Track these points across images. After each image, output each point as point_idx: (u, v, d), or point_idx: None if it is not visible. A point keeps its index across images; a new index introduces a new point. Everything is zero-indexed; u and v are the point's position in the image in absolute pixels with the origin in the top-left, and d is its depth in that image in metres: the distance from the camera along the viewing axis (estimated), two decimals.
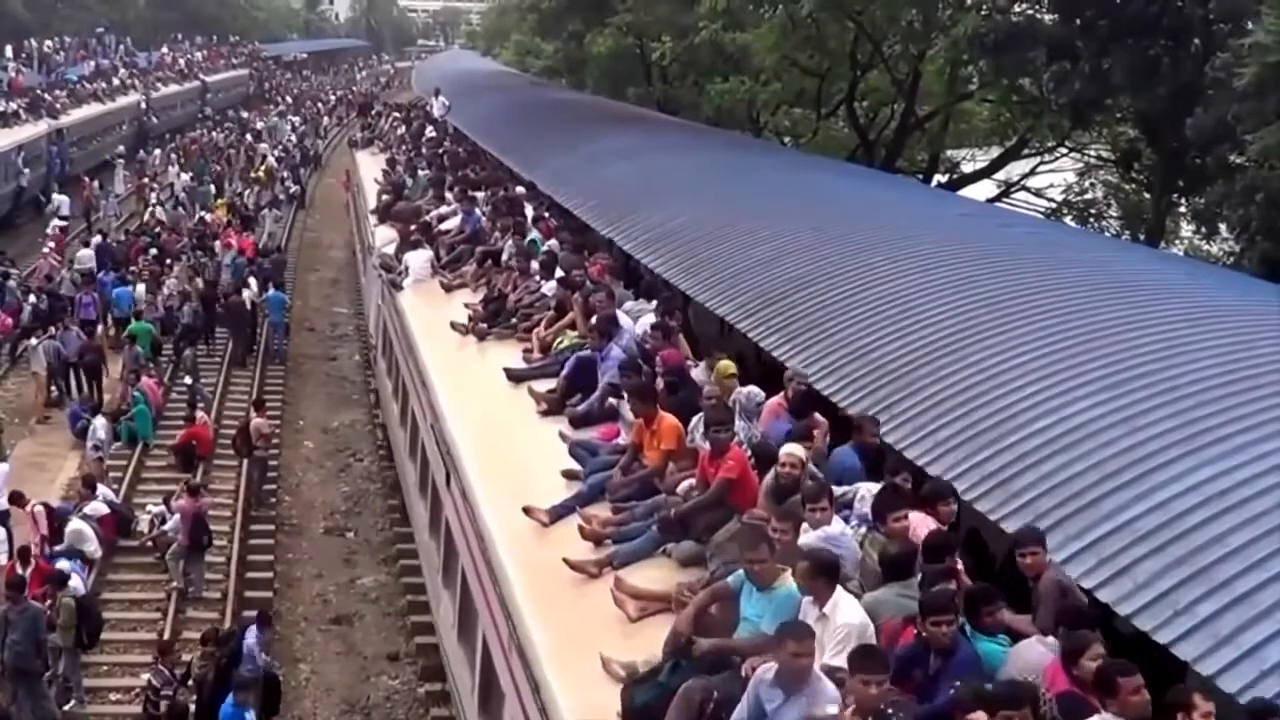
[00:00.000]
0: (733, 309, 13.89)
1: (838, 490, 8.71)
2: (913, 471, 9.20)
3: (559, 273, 16.53)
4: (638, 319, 13.82)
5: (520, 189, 25.02)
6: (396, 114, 44.87)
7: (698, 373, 11.98)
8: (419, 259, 20.73)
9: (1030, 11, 28.59)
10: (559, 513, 10.58)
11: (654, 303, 14.48)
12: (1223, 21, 23.53)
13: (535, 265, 17.64)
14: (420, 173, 29.02)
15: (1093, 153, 35.74)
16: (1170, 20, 23.34)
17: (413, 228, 22.72)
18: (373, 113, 48.32)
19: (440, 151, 32.99)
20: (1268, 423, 8.30)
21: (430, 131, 38.00)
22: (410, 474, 18.48)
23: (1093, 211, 35.06)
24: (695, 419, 10.32)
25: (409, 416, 18.59)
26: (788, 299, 13.41)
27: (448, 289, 19.36)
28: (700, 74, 41.79)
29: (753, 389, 11.03)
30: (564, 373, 13.19)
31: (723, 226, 16.91)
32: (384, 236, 24.59)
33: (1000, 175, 38.37)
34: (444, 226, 22.43)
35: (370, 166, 35.38)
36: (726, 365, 11.32)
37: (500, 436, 13.40)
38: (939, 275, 12.77)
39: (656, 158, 24.85)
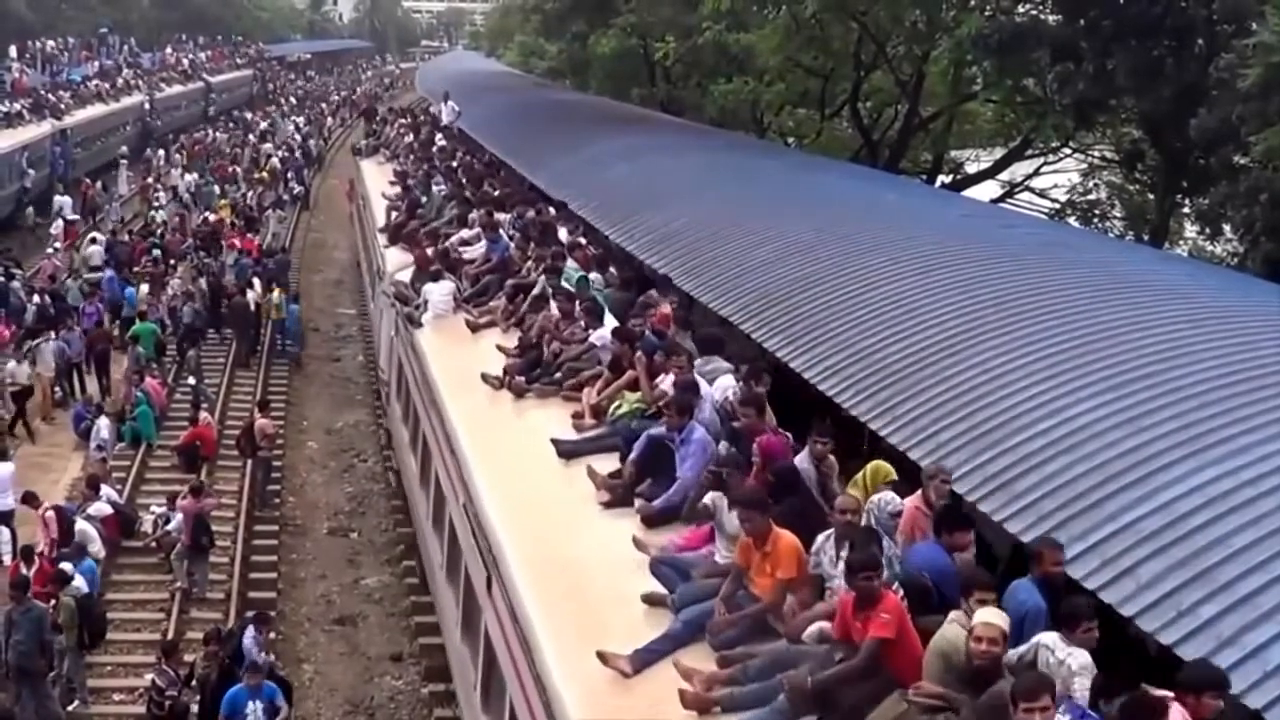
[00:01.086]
0: (735, 310, 13.87)
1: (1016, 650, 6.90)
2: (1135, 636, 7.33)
3: (610, 319, 14.35)
4: (712, 381, 11.55)
5: (550, 209, 21.98)
6: (404, 120, 42.32)
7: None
8: (440, 292, 18.55)
9: (1034, 12, 28.55)
10: (646, 659, 8.43)
11: (732, 363, 12.12)
12: (1226, 22, 23.49)
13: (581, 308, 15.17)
14: (435, 188, 26.25)
15: (1096, 153, 35.69)
16: (1174, 21, 23.29)
17: (429, 249, 20.79)
18: (377, 119, 45.82)
19: (455, 164, 30.17)
20: (1271, 424, 8.29)
21: (440, 139, 35.41)
22: (434, 550, 15.97)
23: (1096, 212, 35.04)
24: (822, 540, 8.48)
25: (431, 480, 16.06)
26: (790, 300, 13.39)
27: (474, 328, 17.22)
28: (704, 75, 41.78)
29: (886, 495, 8.80)
30: (633, 456, 10.81)
31: (726, 227, 16.90)
32: (396, 260, 22.58)
33: (1004, 176, 38.35)
34: (467, 255, 20.08)
35: (377, 178, 33.01)
36: (882, 468, 9.01)
37: (554, 532, 11.07)
38: (942, 276, 12.76)
39: (660, 159, 24.85)
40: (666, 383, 11.48)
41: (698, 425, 10.35)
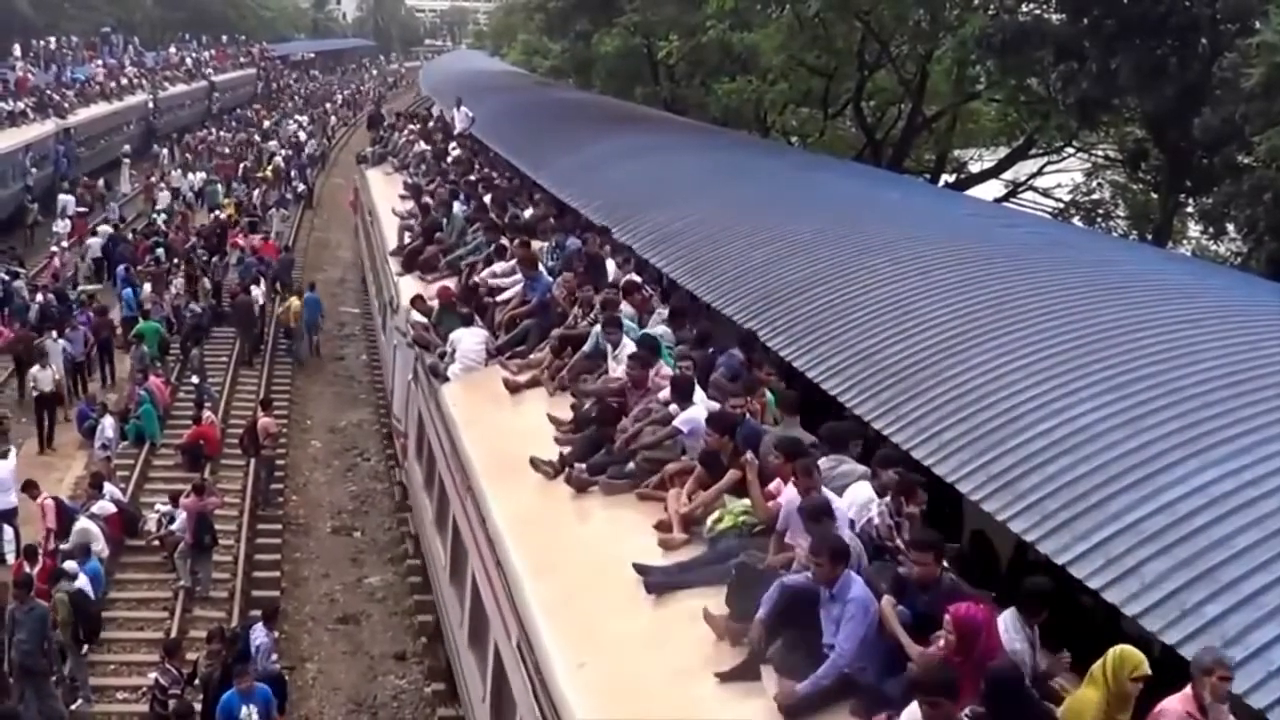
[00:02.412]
0: (738, 309, 13.87)
1: None
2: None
3: (701, 398, 11.14)
4: (842, 489, 9.02)
5: (594, 237, 18.48)
6: (413, 126, 38.62)
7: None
8: (471, 340, 15.78)
9: (1037, 11, 28.53)
10: None
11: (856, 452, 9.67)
12: (1230, 21, 23.46)
13: (658, 375, 11.95)
14: (456, 208, 22.83)
15: (1100, 153, 35.66)
16: (1177, 20, 23.26)
17: (447, 277, 18.83)
18: (384, 125, 42.27)
19: (476, 179, 27.22)
20: (1273, 424, 8.28)
21: (455, 149, 32.33)
22: (471, 671, 12.78)
23: (1100, 211, 35.00)
24: None
25: (467, 586, 12.85)
26: (793, 300, 13.39)
27: (513, 389, 14.29)
28: (707, 74, 41.78)
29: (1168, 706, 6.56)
30: (762, 615, 7.88)
31: (729, 227, 16.90)
32: (412, 292, 19.75)
33: (1007, 175, 38.33)
34: (500, 292, 17.21)
35: (385, 190, 30.34)
36: (1130, 657, 6.59)
37: (652, 709, 8.02)
38: (945, 276, 12.75)
39: (663, 158, 24.85)
40: (786, 493, 8.95)
41: (854, 577, 7.70)
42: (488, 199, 23.70)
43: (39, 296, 28.80)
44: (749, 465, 9.40)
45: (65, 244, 35.80)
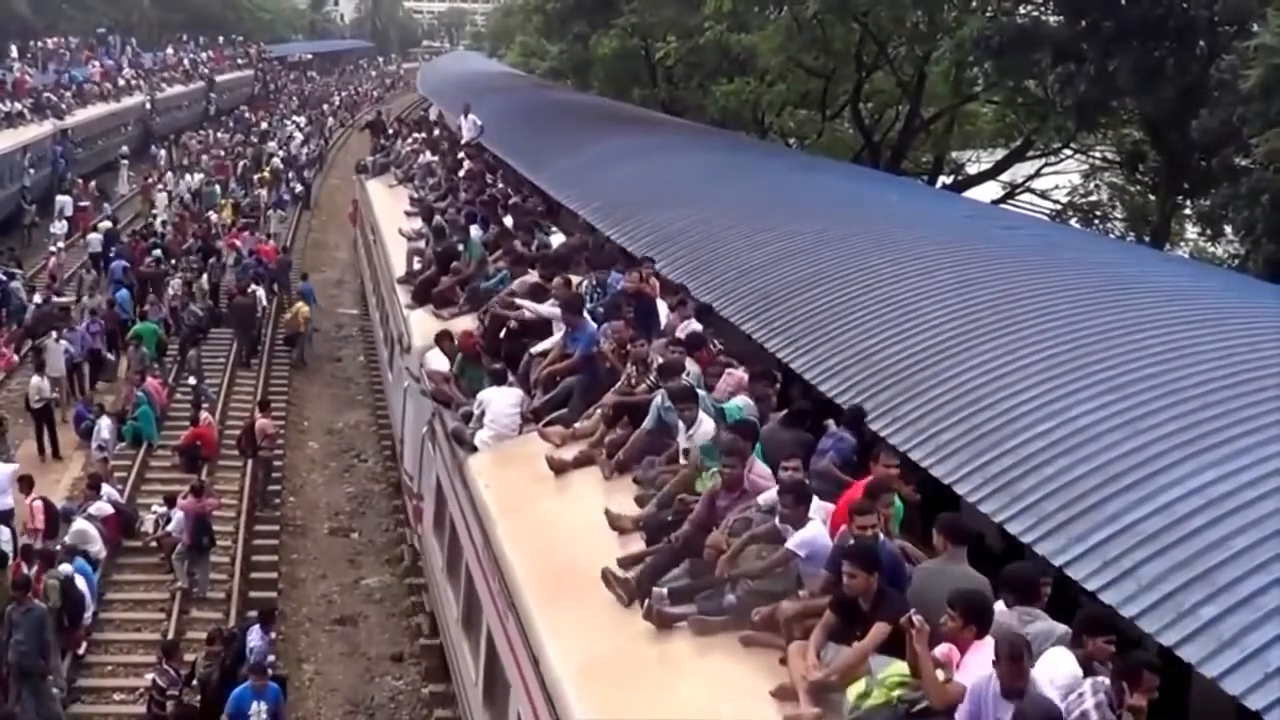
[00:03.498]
0: (736, 310, 13.87)
1: None
2: None
3: (820, 508, 8.64)
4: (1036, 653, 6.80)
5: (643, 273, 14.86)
6: (418, 134, 35.77)
7: None
8: (504, 402, 13.24)
9: (1035, 13, 28.56)
10: None
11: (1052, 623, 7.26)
12: (1228, 23, 23.50)
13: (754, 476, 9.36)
14: (474, 232, 19.84)
15: (1098, 154, 35.68)
16: (1175, 22, 23.29)
17: (466, 313, 16.60)
18: (387, 133, 39.33)
19: (494, 198, 24.17)
20: (1271, 425, 8.28)
21: (466, 162, 29.41)
22: None
23: (1097, 213, 35.00)
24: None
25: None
26: (791, 301, 13.39)
27: (559, 469, 11.64)
28: (705, 75, 41.81)
29: None
30: None
31: (727, 228, 16.91)
32: (425, 329, 17.34)
33: (1005, 177, 38.33)
34: (537, 344, 14.30)
35: (389, 205, 28.06)
36: None
37: None
38: (942, 277, 12.76)
39: (661, 159, 24.85)
40: (973, 667, 6.80)
41: None
42: (509, 222, 21.21)
43: (35, 297, 28.77)
44: (918, 631, 6.84)
45: (62, 244, 35.81)
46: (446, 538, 14.45)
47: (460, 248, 19.35)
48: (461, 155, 30.24)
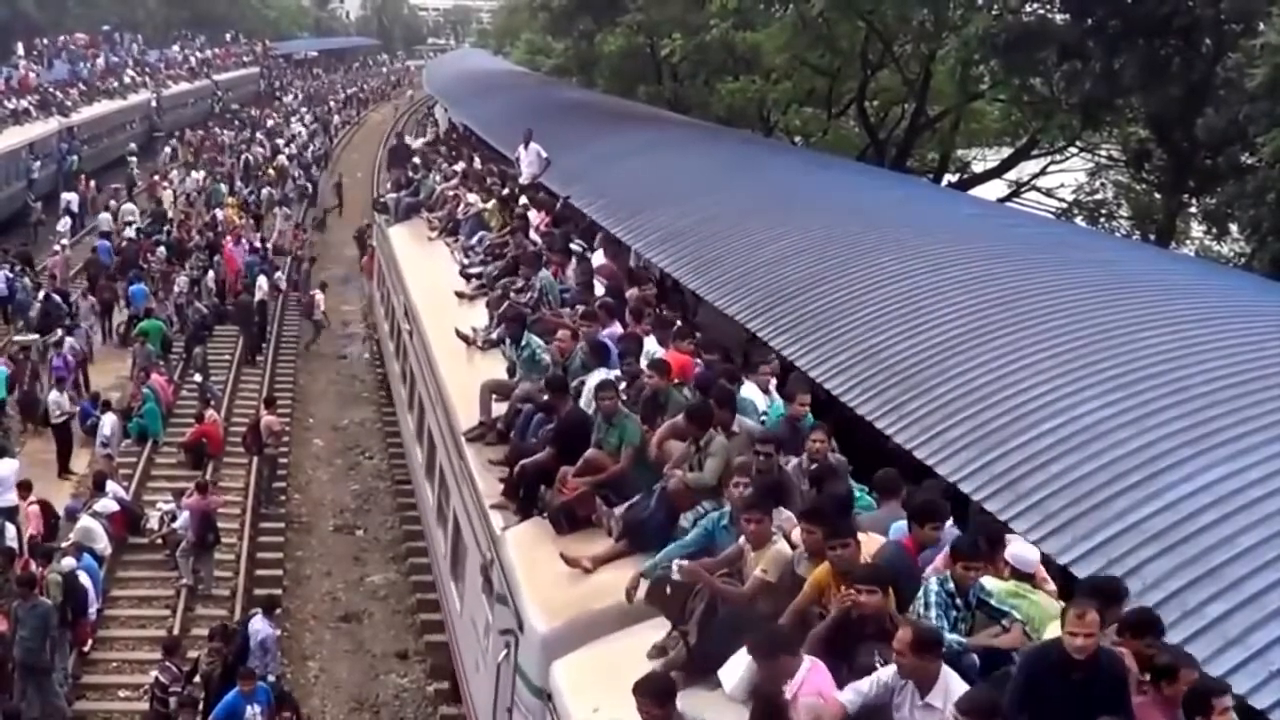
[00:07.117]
0: (742, 308, 13.85)
1: None
2: None
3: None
4: None
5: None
6: (459, 166, 27.72)
7: None
8: None
9: (1041, 11, 28.52)
10: None
11: None
12: (1234, 22, 23.46)
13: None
14: (579, 352, 12.52)
15: (1103, 153, 35.62)
16: (1181, 20, 23.26)
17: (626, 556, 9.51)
18: (413, 161, 30.28)
19: (617, 287, 15.50)
20: (1278, 423, 8.27)
21: (534, 216, 21.00)
22: None
23: (1103, 211, 34.93)
24: None
25: None
26: (797, 298, 13.37)
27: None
28: (711, 73, 41.75)
29: None
30: None
31: (733, 225, 16.87)
32: (546, 596, 9.69)
33: (1011, 175, 38.25)
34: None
35: (427, 272, 20.50)
36: None
37: None
38: (948, 275, 12.74)
39: (667, 157, 24.82)
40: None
41: None
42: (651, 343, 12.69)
43: (40, 294, 28.80)
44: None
45: (67, 241, 35.81)
46: None
47: (589, 410, 11.15)
48: (523, 201, 22.62)
